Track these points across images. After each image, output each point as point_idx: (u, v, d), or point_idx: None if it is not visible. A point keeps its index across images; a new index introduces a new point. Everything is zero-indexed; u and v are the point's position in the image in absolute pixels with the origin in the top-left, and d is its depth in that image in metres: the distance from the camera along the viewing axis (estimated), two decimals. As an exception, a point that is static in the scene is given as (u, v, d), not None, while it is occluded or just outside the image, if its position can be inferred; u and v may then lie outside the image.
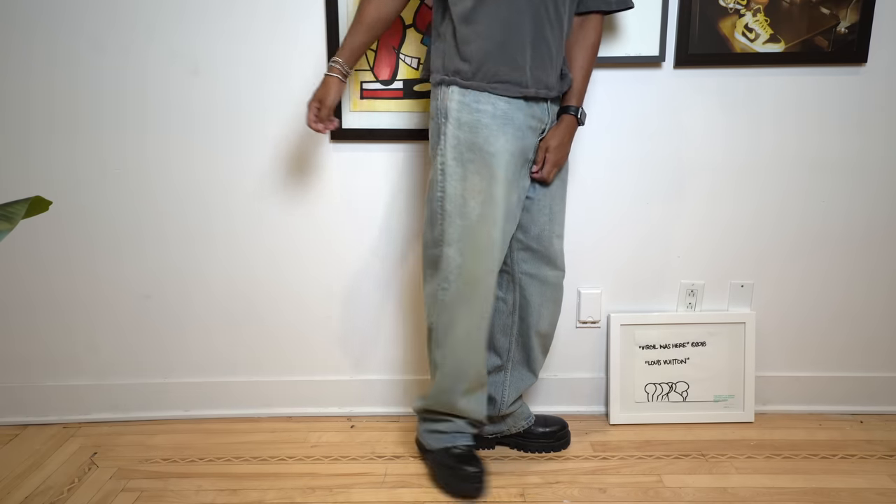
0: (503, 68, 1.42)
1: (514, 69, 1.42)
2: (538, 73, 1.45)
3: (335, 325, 1.94)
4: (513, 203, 1.49)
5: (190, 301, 1.91)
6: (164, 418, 1.97)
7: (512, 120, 1.45)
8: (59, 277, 1.89)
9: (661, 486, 1.60)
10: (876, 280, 1.88)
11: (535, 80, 1.45)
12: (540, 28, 1.42)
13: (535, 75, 1.45)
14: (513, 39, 1.41)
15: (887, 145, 1.80)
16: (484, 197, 1.45)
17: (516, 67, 1.42)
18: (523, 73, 1.43)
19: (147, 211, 1.86)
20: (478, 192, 1.45)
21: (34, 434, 1.89)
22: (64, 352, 1.93)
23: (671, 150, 1.82)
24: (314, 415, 1.97)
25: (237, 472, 1.70)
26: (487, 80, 1.42)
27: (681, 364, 1.90)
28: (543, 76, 1.46)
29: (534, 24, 1.42)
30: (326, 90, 1.52)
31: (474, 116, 1.43)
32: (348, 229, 1.88)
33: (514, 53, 1.42)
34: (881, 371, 1.93)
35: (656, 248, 1.88)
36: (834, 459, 1.71)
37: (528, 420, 1.75)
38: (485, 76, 1.42)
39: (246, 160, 1.83)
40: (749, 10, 1.71)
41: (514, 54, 1.42)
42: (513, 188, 1.48)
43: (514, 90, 1.43)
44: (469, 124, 1.43)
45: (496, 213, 1.46)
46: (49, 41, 1.75)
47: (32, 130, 1.81)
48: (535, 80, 1.45)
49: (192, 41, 1.76)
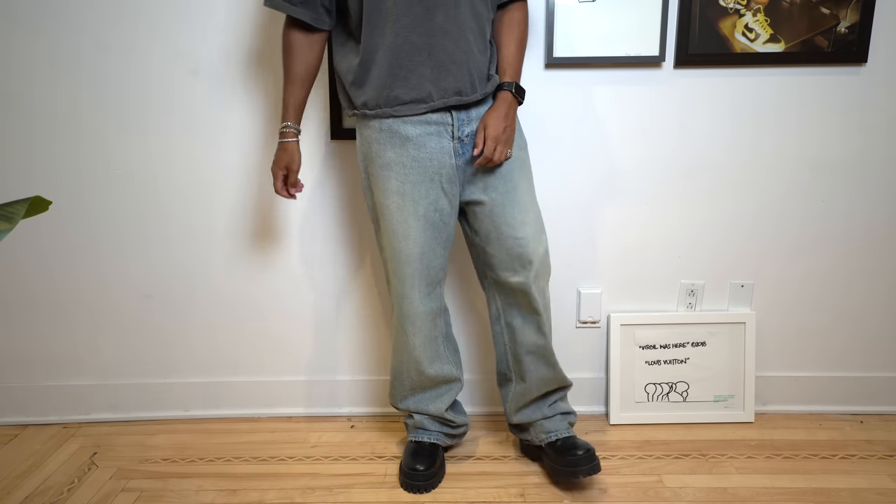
0: (386, 92, 1.45)
1: (405, 88, 1.44)
2: (437, 84, 1.43)
3: (335, 325, 1.94)
4: (426, 214, 1.49)
5: (191, 301, 1.91)
6: (164, 418, 1.97)
7: (398, 133, 1.46)
8: (61, 277, 1.89)
9: (661, 486, 1.60)
10: (876, 280, 1.88)
11: (438, 91, 1.44)
12: (420, 40, 1.41)
13: (434, 86, 1.43)
14: (383, 66, 1.42)
15: (887, 145, 1.80)
16: (382, 210, 1.52)
17: (403, 86, 1.43)
18: (403, 91, 1.44)
19: (149, 211, 1.86)
20: (379, 206, 1.53)
21: (34, 434, 1.89)
22: (65, 352, 1.93)
23: (671, 150, 1.82)
24: (314, 415, 1.98)
25: (237, 472, 1.70)
26: (372, 108, 1.48)
27: (681, 364, 1.90)
28: (449, 83, 1.44)
29: (404, 41, 1.40)
30: (290, 156, 1.54)
31: (366, 138, 1.52)
32: (347, 229, 1.88)
33: (388, 78, 1.43)
34: (881, 371, 1.93)
35: (656, 248, 1.88)
36: (834, 459, 1.71)
37: (550, 435, 1.63)
38: (372, 104, 1.48)
39: (246, 159, 1.83)
40: (749, 10, 1.71)
41: (388, 79, 1.43)
42: (419, 198, 1.48)
43: (385, 112, 1.46)
44: (365, 146, 1.53)
45: (393, 224, 1.50)
46: (52, 41, 1.75)
47: (35, 130, 1.81)
48: (438, 91, 1.44)
49: (195, 41, 1.76)
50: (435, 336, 1.62)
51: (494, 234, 1.54)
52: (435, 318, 1.60)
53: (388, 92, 1.44)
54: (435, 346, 1.62)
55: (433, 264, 1.55)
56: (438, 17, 1.39)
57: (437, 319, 1.61)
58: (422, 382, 1.64)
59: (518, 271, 1.55)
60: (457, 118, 1.48)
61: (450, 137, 1.48)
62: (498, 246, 1.54)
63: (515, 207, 1.53)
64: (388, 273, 1.59)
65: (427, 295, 1.57)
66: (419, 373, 1.63)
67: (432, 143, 1.47)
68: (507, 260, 1.55)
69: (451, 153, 1.49)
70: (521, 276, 1.55)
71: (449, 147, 1.48)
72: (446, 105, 1.45)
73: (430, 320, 1.60)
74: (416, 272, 1.54)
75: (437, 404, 1.66)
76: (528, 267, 1.54)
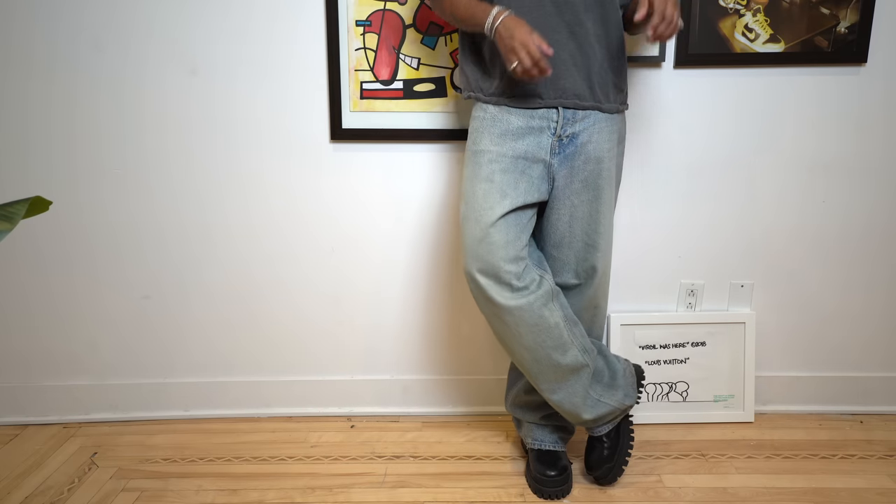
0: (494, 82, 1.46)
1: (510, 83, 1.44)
2: (557, 83, 1.43)
3: (335, 325, 1.94)
4: (504, 203, 1.47)
5: (189, 301, 1.91)
6: (164, 418, 1.97)
7: (500, 121, 1.46)
8: (59, 278, 1.89)
9: (661, 486, 1.60)
10: (875, 280, 1.88)
11: (554, 89, 1.43)
12: (555, 40, 1.41)
13: (551, 85, 1.43)
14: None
15: (887, 145, 1.80)
16: (467, 195, 1.49)
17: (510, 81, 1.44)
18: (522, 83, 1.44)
19: (146, 211, 1.86)
20: (464, 192, 1.50)
21: (34, 434, 1.89)
22: (64, 352, 1.93)
23: (671, 150, 1.82)
24: (314, 415, 1.98)
25: (237, 472, 1.70)
26: (486, 94, 1.49)
27: (681, 364, 1.90)
28: (569, 85, 1.43)
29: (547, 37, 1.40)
30: (520, 25, 1.32)
31: (471, 124, 1.53)
32: (347, 229, 1.88)
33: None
34: (881, 371, 1.93)
35: (656, 248, 1.88)
36: (834, 459, 1.71)
37: (535, 443, 1.65)
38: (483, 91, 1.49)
39: (245, 160, 1.83)
40: (749, 10, 1.71)
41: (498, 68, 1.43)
42: (504, 189, 1.46)
43: (500, 100, 1.46)
44: (469, 133, 1.53)
45: (476, 211, 1.46)
46: (48, 41, 1.75)
47: (32, 131, 1.81)
48: (554, 89, 1.43)
49: (190, 41, 1.76)
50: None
51: (558, 236, 1.52)
52: None
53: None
54: (548, 335, 1.54)
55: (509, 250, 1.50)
56: (566, 17, 1.39)
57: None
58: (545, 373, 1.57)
59: (576, 279, 1.55)
60: (574, 116, 1.46)
61: (553, 130, 1.46)
62: (560, 248, 1.53)
63: (587, 208, 1.50)
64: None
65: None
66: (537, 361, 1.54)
67: (531, 137, 1.46)
68: (566, 265, 1.54)
69: (549, 145, 1.47)
70: (574, 282, 1.55)
71: (548, 140, 1.47)
72: (547, 104, 1.44)
73: None
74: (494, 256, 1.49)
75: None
76: (584, 274, 1.54)
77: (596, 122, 1.47)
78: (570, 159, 1.47)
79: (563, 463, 1.60)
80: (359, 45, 1.75)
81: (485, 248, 1.44)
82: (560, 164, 1.47)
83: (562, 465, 1.59)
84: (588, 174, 1.48)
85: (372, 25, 1.75)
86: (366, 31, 1.75)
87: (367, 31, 1.75)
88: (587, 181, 1.48)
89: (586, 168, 1.47)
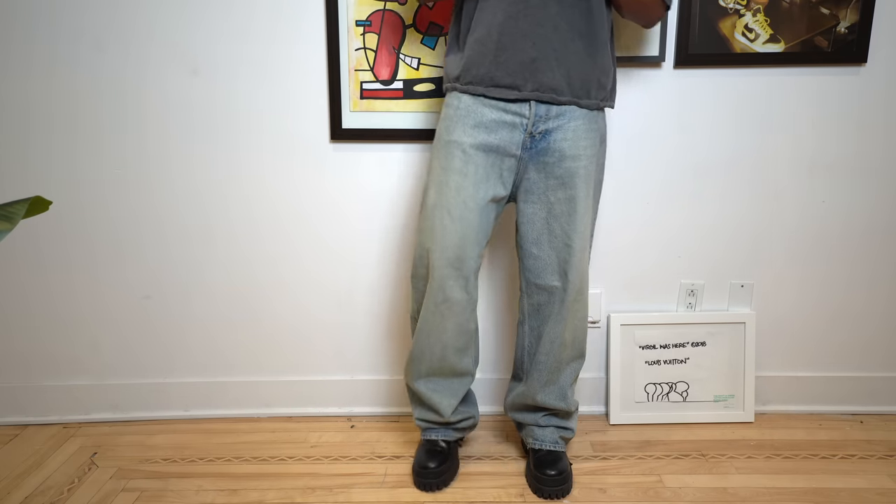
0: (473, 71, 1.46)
1: (490, 70, 1.44)
2: (536, 76, 1.43)
3: (335, 325, 1.94)
4: (477, 197, 1.47)
5: (190, 301, 1.91)
6: (164, 418, 1.97)
7: (474, 113, 1.46)
8: (60, 278, 1.89)
9: (661, 486, 1.60)
10: (876, 280, 1.88)
11: (532, 82, 1.43)
12: (539, 34, 1.41)
13: (530, 77, 1.43)
14: (488, 44, 1.43)
15: (887, 145, 1.80)
16: (439, 185, 1.49)
17: (492, 68, 1.44)
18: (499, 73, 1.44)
19: (147, 211, 1.86)
20: (435, 180, 1.50)
21: (34, 434, 1.89)
22: (64, 352, 1.93)
23: (671, 150, 1.82)
24: (314, 415, 1.98)
25: (237, 472, 1.70)
26: (462, 83, 1.49)
27: (681, 364, 1.90)
28: (547, 79, 1.43)
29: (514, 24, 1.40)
30: None
31: (443, 112, 1.52)
32: (347, 229, 1.88)
33: (489, 56, 1.43)
34: (881, 371, 1.93)
35: (656, 248, 1.88)
36: (834, 459, 1.71)
37: (536, 443, 1.65)
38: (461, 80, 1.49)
39: (245, 160, 1.83)
40: (749, 10, 1.71)
41: (489, 57, 1.43)
42: (477, 182, 1.46)
43: (477, 89, 1.46)
44: (441, 120, 1.53)
45: (449, 202, 1.46)
46: (49, 41, 1.75)
47: (32, 130, 1.81)
48: (532, 82, 1.43)
49: (192, 41, 1.76)
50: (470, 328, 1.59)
51: (535, 234, 1.54)
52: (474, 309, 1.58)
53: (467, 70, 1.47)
54: (466, 338, 1.58)
55: (470, 250, 1.51)
56: (551, 8, 1.40)
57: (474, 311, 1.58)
58: (441, 369, 1.60)
59: (557, 279, 1.55)
60: (546, 111, 1.46)
61: (524, 127, 1.47)
62: (541, 246, 1.54)
63: (570, 208, 1.50)
64: (418, 252, 1.56)
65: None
66: (439, 359, 1.58)
67: (504, 132, 1.47)
68: (545, 267, 1.54)
69: (520, 141, 1.48)
70: (556, 283, 1.55)
71: (518, 137, 1.48)
72: (520, 97, 1.45)
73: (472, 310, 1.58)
74: (455, 254, 1.50)
75: (446, 396, 1.63)
76: (566, 275, 1.54)
77: (572, 118, 1.47)
78: (543, 155, 1.48)
79: (563, 463, 1.60)
80: (359, 45, 1.75)
81: (454, 240, 1.47)
82: (531, 159, 1.49)
83: (562, 465, 1.59)
84: (564, 171, 1.48)
85: (372, 25, 1.75)
86: (366, 31, 1.75)
87: (367, 31, 1.75)
88: (562, 178, 1.49)
89: (562, 165, 1.48)
